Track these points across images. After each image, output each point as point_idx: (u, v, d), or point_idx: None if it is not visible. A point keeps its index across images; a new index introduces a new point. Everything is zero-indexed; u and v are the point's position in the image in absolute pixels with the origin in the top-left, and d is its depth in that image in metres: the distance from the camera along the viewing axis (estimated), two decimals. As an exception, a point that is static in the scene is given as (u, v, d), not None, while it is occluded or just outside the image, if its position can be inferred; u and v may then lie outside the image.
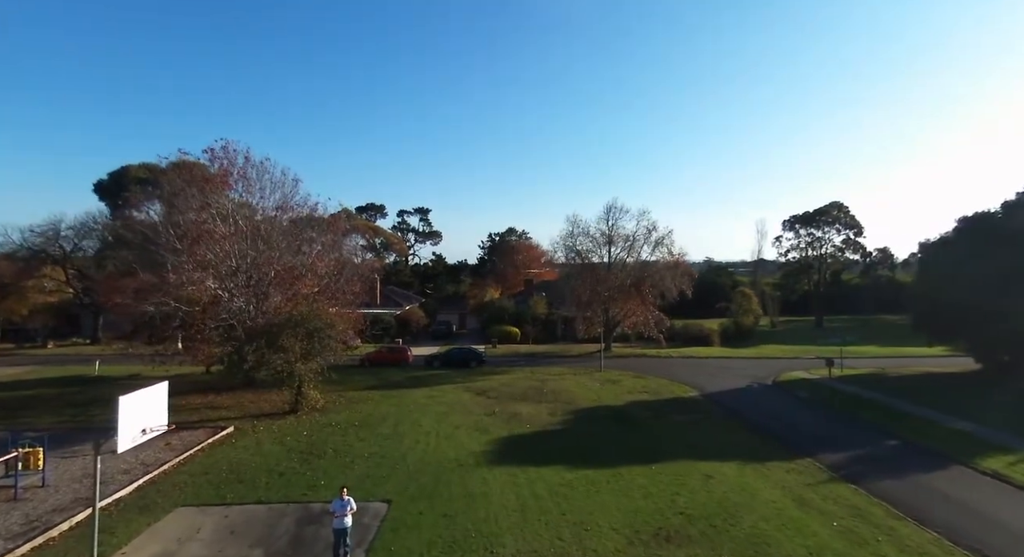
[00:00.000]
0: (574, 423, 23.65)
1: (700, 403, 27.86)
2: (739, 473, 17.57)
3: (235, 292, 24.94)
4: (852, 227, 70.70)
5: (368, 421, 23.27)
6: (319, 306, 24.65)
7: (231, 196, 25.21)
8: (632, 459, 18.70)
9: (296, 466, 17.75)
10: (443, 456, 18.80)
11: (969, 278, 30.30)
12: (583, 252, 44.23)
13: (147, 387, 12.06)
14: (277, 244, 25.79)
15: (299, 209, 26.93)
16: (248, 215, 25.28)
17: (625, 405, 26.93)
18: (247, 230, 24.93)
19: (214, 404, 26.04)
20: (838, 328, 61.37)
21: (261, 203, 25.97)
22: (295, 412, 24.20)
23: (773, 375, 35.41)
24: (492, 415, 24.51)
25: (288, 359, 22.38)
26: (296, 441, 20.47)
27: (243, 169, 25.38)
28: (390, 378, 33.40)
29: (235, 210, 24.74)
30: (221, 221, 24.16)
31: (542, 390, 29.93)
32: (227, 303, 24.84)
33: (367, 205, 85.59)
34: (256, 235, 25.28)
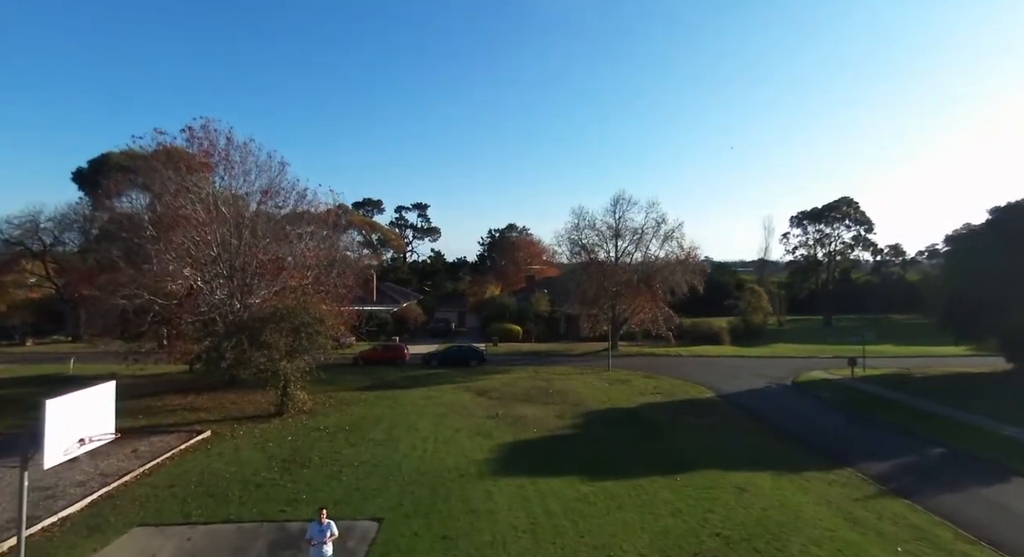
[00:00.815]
0: (585, 427, 21.68)
1: (718, 405, 25.91)
2: (775, 485, 15.61)
3: (216, 283, 22.91)
4: (862, 223, 68.82)
5: (360, 425, 21.27)
6: (308, 299, 22.60)
7: (212, 179, 23.13)
8: (653, 468, 16.75)
9: (276, 477, 15.73)
10: (442, 465, 16.82)
11: (1002, 272, 28.41)
12: (589, 246, 42.21)
13: (88, 388, 10.06)
14: (262, 232, 23.76)
15: (286, 194, 24.92)
16: (230, 200, 23.23)
17: (638, 407, 24.98)
18: (229, 216, 22.89)
19: (193, 405, 24.00)
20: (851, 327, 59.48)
21: (244, 187, 23.95)
22: (280, 415, 22.20)
23: (791, 375, 33.49)
24: (495, 418, 22.53)
25: (272, 357, 20.36)
26: (279, 447, 18.46)
27: (225, 150, 23.37)
28: (385, 377, 31.38)
29: (215, 194, 22.67)
30: (200, 206, 22.11)
31: (548, 390, 27.96)
32: (207, 296, 22.81)
33: (364, 200, 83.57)
34: (239, 222, 23.25)
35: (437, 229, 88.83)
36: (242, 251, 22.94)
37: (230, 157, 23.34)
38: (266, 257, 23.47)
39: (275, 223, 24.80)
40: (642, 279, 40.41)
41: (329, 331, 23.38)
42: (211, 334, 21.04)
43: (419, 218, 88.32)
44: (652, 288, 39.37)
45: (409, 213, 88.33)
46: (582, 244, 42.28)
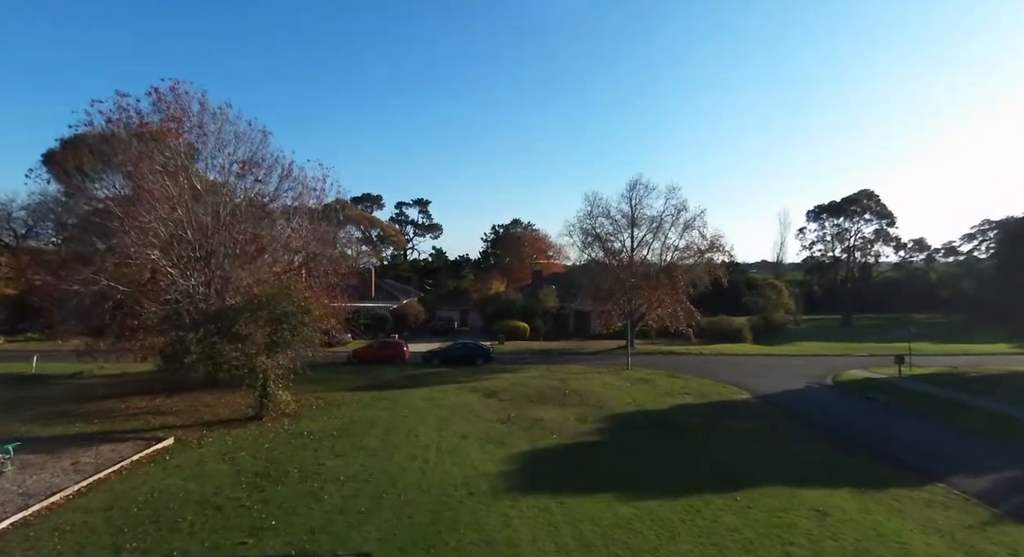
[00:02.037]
0: (612, 432, 18.68)
1: (757, 407, 22.88)
2: (860, 507, 12.59)
3: (186, 267, 19.93)
4: (884, 216, 65.67)
5: (350, 430, 18.28)
6: (291, 285, 19.59)
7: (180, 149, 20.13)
8: (704, 484, 13.74)
9: (242, 496, 12.73)
10: (447, 479, 13.82)
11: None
12: (603, 236, 39.13)
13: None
14: (241, 210, 20.83)
15: (268, 167, 21.94)
16: (202, 173, 20.28)
17: (669, 409, 21.97)
18: (202, 190, 19.94)
19: (160, 408, 21.01)
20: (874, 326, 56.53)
21: (220, 159, 20.99)
22: (259, 418, 19.22)
23: (827, 374, 30.46)
24: (507, 422, 19.54)
25: (247, 351, 17.35)
26: (252, 458, 15.46)
27: (199, 118, 20.41)
28: (382, 377, 28.39)
29: (184, 165, 19.69)
30: (168, 178, 19.14)
31: (564, 391, 24.94)
32: (178, 281, 19.84)
33: (363, 195, 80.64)
34: (215, 198, 20.30)
35: (439, 225, 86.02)
36: (218, 231, 19.97)
37: (204, 125, 20.42)
38: (243, 237, 20.45)
39: (255, 200, 21.86)
40: (662, 270, 37.36)
41: (316, 323, 20.39)
42: (176, 325, 18.02)
43: (420, 214, 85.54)
44: (674, 280, 36.29)
45: (410, 209, 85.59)
46: (596, 233, 39.20)
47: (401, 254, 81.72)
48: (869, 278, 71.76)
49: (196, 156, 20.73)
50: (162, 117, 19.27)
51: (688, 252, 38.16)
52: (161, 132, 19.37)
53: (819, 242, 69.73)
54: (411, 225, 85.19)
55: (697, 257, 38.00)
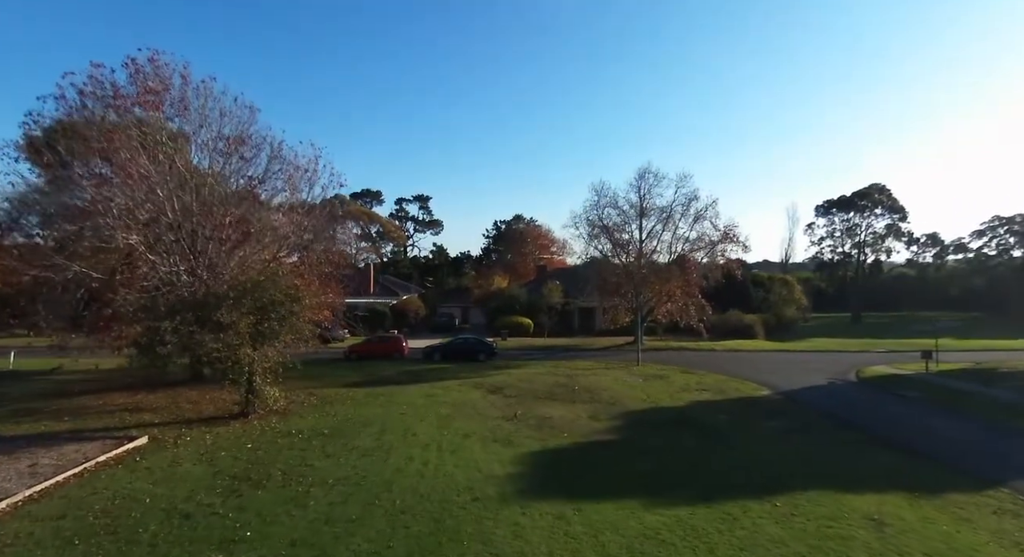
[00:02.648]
0: (628, 430, 17.15)
1: (782, 404, 21.34)
2: (919, 515, 11.04)
3: (168, 253, 18.38)
4: (895, 211, 64.05)
5: (343, 428, 16.75)
6: (279, 271, 18.04)
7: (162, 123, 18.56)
8: (737, 488, 12.22)
9: (216, 502, 11.20)
10: (449, 483, 12.30)
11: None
12: (611, 227, 37.54)
13: None
14: (225, 191, 19.28)
15: (256, 145, 20.38)
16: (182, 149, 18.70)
17: (687, 406, 20.43)
18: (183, 168, 18.40)
19: (140, 405, 19.51)
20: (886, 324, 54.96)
21: (204, 135, 19.40)
22: (245, 416, 17.71)
23: (849, 371, 28.90)
24: (513, 420, 18.01)
25: (229, 341, 15.79)
26: (232, 458, 13.94)
27: (181, 92, 18.88)
28: (379, 373, 26.88)
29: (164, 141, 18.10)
30: (146, 154, 17.55)
31: (573, 387, 23.43)
32: (159, 268, 18.29)
33: (363, 191, 79.16)
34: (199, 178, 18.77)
35: (439, 222, 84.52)
36: (201, 213, 18.39)
37: (186, 99, 18.87)
38: (229, 219, 18.87)
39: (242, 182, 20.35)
40: (674, 261, 35.77)
41: (308, 313, 18.87)
42: (153, 315, 16.49)
43: (420, 210, 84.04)
44: (687, 271, 34.69)
45: (410, 205, 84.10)
46: (603, 224, 37.60)
47: (401, 250, 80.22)
48: (879, 274, 70.10)
49: (177, 133, 19.15)
50: (139, 90, 17.74)
51: (699, 244, 36.58)
52: (138, 104, 17.80)
53: (828, 237, 68.10)
54: (411, 221, 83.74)
55: (708, 249, 36.40)
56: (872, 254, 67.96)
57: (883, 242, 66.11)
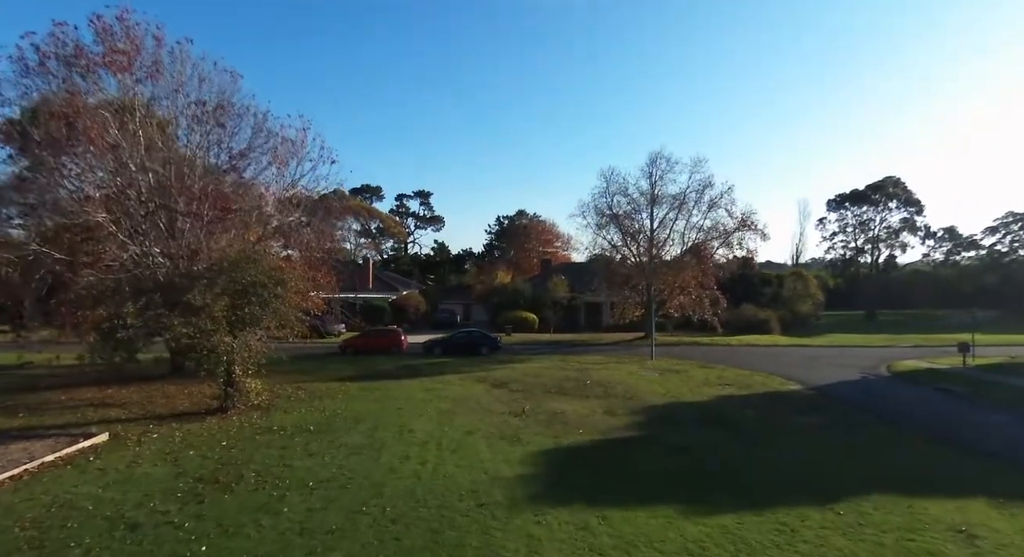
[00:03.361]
0: (651, 427, 15.31)
1: (815, 400, 19.48)
2: (1016, 526, 9.19)
3: (137, 230, 16.61)
4: (911, 204, 62.09)
5: (331, 424, 14.97)
6: (261, 250, 16.25)
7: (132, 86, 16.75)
8: (786, 491, 10.41)
9: (172, 509, 9.41)
10: (449, 485, 10.50)
11: None
12: (620, 215, 35.70)
13: None
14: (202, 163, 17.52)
15: (238, 114, 18.59)
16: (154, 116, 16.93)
17: (712, 401, 18.61)
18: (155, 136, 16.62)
19: (110, 400, 17.74)
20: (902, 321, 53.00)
21: (178, 101, 17.60)
22: (224, 411, 15.93)
23: (878, 365, 27.04)
24: (521, 415, 16.21)
25: (202, 326, 13.99)
26: (201, 458, 12.16)
27: (154, 54, 17.11)
28: (375, 367, 25.11)
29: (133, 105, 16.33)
30: (112, 118, 15.76)
31: (584, 381, 21.64)
32: (128, 247, 16.50)
33: (362, 186, 77.48)
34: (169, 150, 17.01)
35: (441, 218, 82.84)
36: (173, 186, 16.60)
37: (159, 63, 17.09)
38: (207, 193, 17.06)
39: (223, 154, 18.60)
40: (689, 250, 33.91)
41: (294, 298, 17.10)
42: (115, 296, 14.65)
43: (421, 206, 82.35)
44: (702, 260, 32.83)
45: (411, 201, 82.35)
46: (612, 213, 35.77)
47: (402, 247, 78.50)
48: (894, 270, 68.00)
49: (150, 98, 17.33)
50: (106, 49, 15.98)
51: (714, 232, 34.69)
52: (104, 65, 16.04)
53: (840, 232, 66.15)
54: (412, 217, 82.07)
55: (724, 238, 34.50)
56: (886, 249, 66.00)
57: (898, 237, 64.13)
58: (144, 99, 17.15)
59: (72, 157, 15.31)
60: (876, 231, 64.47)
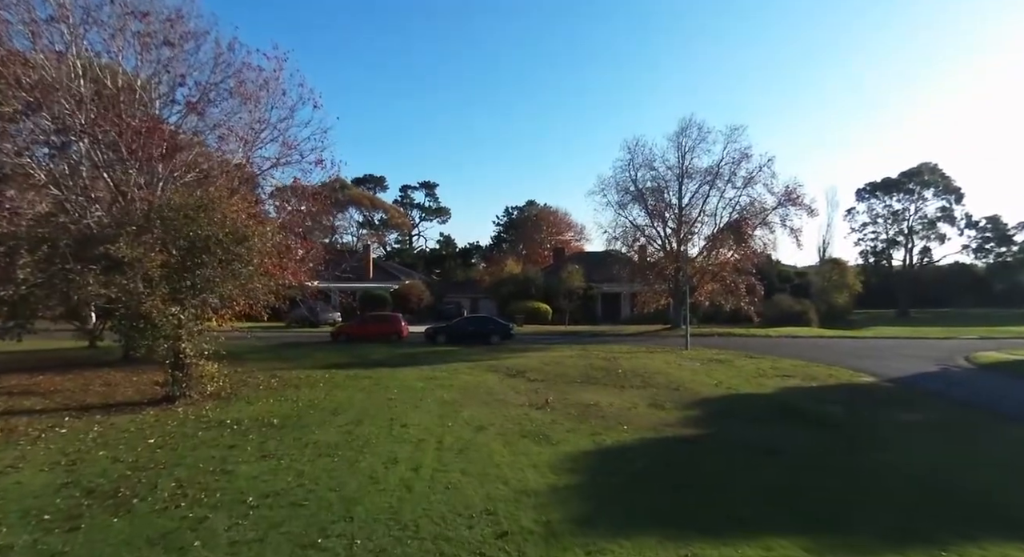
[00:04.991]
0: (712, 423, 11.83)
1: (901, 393, 15.90)
2: None
3: (45, 166, 13.22)
4: (949, 192, 58.00)
5: (301, 417, 11.60)
6: (217, 197, 12.89)
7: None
8: (948, 515, 6.95)
9: (25, 539, 6.07)
10: (453, 503, 7.12)
11: None
12: (645, 192, 32.11)
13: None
14: (145, 96, 14.23)
15: (194, 37, 15.24)
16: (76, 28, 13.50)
17: (779, 394, 15.10)
18: (72, 55, 13.26)
19: (36, 388, 14.48)
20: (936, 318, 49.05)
21: (106, 11, 14.13)
22: (171, 401, 12.61)
23: (953, 357, 23.40)
24: (545, 408, 12.79)
25: (128, 287, 10.61)
26: (110, 462, 8.81)
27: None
28: (370, 355, 21.77)
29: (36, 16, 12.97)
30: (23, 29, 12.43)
31: (615, 370, 18.19)
32: (40, 189, 13.17)
33: (365, 176, 74.32)
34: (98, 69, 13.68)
35: (447, 210, 79.40)
36: (97, 113, 13.23)
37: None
38: (150, 124, 13.70)
39: (180, 88, 15.33)
40: (728, 227, 30.23)
41: (263, 262, 13.74)
42: (14, 251, 11.27)
43: (427, 197, 78.98)
44: (743, 238, 29.16)
45: (416, 192, 79.03)
46: (637, 188, 32.17)
47: (406, 239, 75.29)
48: (930, 264, 63.58)
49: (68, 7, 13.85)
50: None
51: (752, 210, 30.95)
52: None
53: (871, 224, 62.15)
54: (417, 209, 78.76)
55: (763, 216, 30.75)
56: (920, 241, 61.84)
57: (934, 227, 59.95)
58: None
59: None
60: (910, 222, 60.40)
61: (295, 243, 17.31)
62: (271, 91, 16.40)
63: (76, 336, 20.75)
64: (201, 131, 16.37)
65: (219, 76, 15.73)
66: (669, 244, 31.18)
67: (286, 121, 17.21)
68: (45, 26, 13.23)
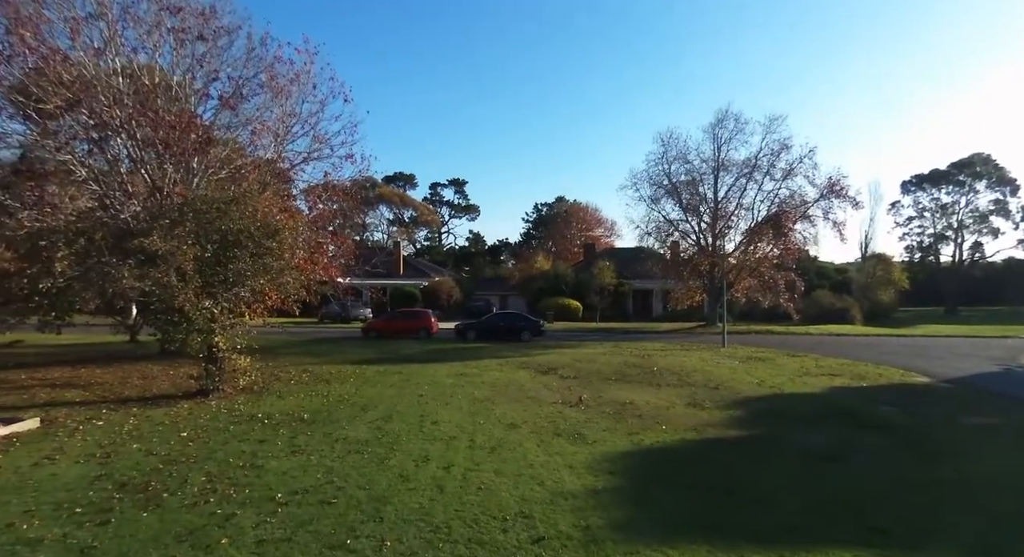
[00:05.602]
0: (759, 424, 11.21)
1: (963, 395, 14.88)
2: None
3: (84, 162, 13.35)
4: (1004, 183, 54.86)
5: (331, 413, 11.47)
6: (249, 190, 12.88)
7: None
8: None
9: (56, 532, 6.00)
10: (487, 503, 6.78)
11: None
12: (679, 185, 31.21)
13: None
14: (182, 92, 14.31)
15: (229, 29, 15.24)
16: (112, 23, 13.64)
17: (826, 393, 14.33)
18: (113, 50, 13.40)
19: (77, 380, 14.81)
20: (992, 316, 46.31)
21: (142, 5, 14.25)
22: (204, 394, 12.67)
23: (1017, 356, 22.03)
24: (579, 405, 12.38)
25: (162, 280, 10.63)
26: (144, 455, 8.79)
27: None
28: (400, 351, 21.68)
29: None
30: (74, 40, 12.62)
31: (650, 368, 17.64)
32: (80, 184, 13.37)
33: (395, 174, 74.88)
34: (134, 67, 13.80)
35: (476, 207, 79.42)
36: (132, 107, 13.32)
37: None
38: (183, 118, 13.74)
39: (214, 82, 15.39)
40: (768, 220, 29.14)
41: (294, 258, 13.70)
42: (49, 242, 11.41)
43: (456, 195, 79.19)
44: (784, 232, 28.05)
45: (445, 190, 79.29)
46: (671, 182, 31.31)
47: (436, 236, 75.61)
48: (982, 260, 60.28)
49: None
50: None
51: (792, 203, 29.71)
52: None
53: (918, 217, 59.32)
54: (447, 206, 79.02)
55: (803, 208, 29.48)
56: (971, 236, 58.71)
57: (986, 221, 56.80)
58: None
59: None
60: (960, 215, 57.36)
61: (326, 239, 17.30)
62: (302, 85, 16.47)
63: (115, 330, 21.29)
64: (234, 126, 16.52)
65: (251, 70, 15.87)
66: (704, 239, 30.28)
67: (317, 115, 17.30)
68: (85, 23, 13.48)
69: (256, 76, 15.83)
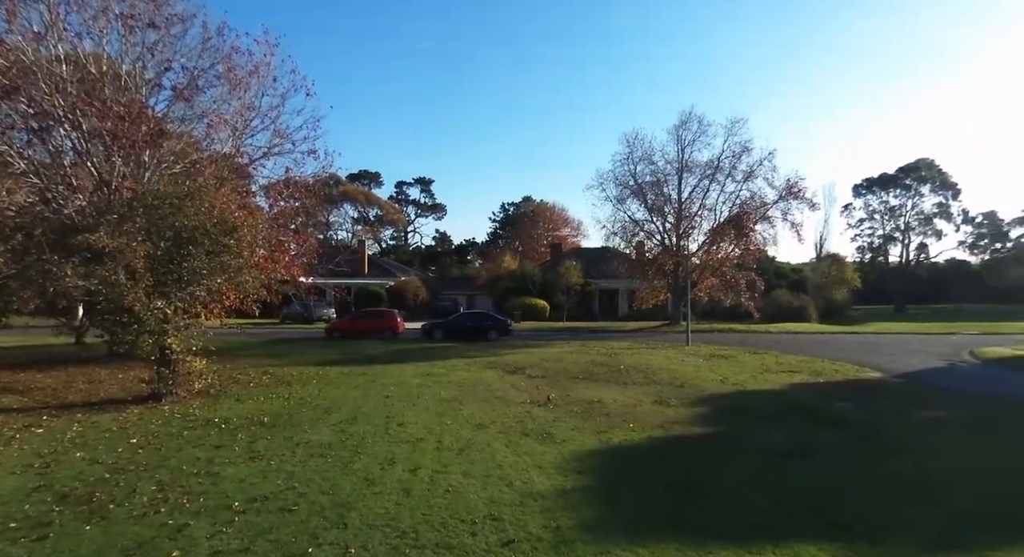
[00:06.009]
0: (723, 421, 11.40)
1: (913, 389, 15.54)
2: None
3: (22, 154, 12.56)
4: (946, 188, 57.89)
5: (293, 416, 11.08)
6: (204, 186, 12.33)
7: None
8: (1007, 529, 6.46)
9: (-17, 550, 5.54)
10: (455, 506, 6.63)
11: None
12: (644, 186, 31.69)
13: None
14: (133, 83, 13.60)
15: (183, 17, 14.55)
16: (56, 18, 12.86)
17: (786, 390, 14.72)
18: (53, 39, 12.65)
19: (15, 385, 13.90)
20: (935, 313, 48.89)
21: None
22: (157, 399, 12.05)
23: (958, 352, 23.09)
24: (547, 405, 12.34)
25: (110, 278, 10.04)
26: (88, 463, 8.28)
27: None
28: (364, 352, 21.25)
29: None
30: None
31: (617, 367, 17.77)
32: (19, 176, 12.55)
33: (360, 172, 73.58)
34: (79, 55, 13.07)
35: (443, 206, 78.81)
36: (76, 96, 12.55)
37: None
38: (132, 109, 13.05)
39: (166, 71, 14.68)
40: (730, 221, 29.86)
41: (253, 255, 13.19)
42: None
43: (422, 194, 78.35)
44: (745, 232, 28.82)
45: (411, 188, 78.37)
46: (636, 183, 31.76)
47: (402, 235, 74.66)
48: (927, 261, 63.55)
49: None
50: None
51: (753, 204, 30.58)
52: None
53: (868, 220, 61.99)
54: (412, 205, 78.12)
55: (763, 209, 30.41)
56: (917, 237, 61.74)
57: (930, 223, 59.86)
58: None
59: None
60: (907, 218, 60.27)
61: (287, 237, 16.76)
62: (261, 77, 15.82)
63: (58, 332, 20.15)
64: (189, 119, 15.80)
65: (207, 61, 15.16)
66: (668, 239, 30.83)
67: (277, 109, 16.64)
68: (22, 5, 12.62)
69: (212, 67, 15.22)
